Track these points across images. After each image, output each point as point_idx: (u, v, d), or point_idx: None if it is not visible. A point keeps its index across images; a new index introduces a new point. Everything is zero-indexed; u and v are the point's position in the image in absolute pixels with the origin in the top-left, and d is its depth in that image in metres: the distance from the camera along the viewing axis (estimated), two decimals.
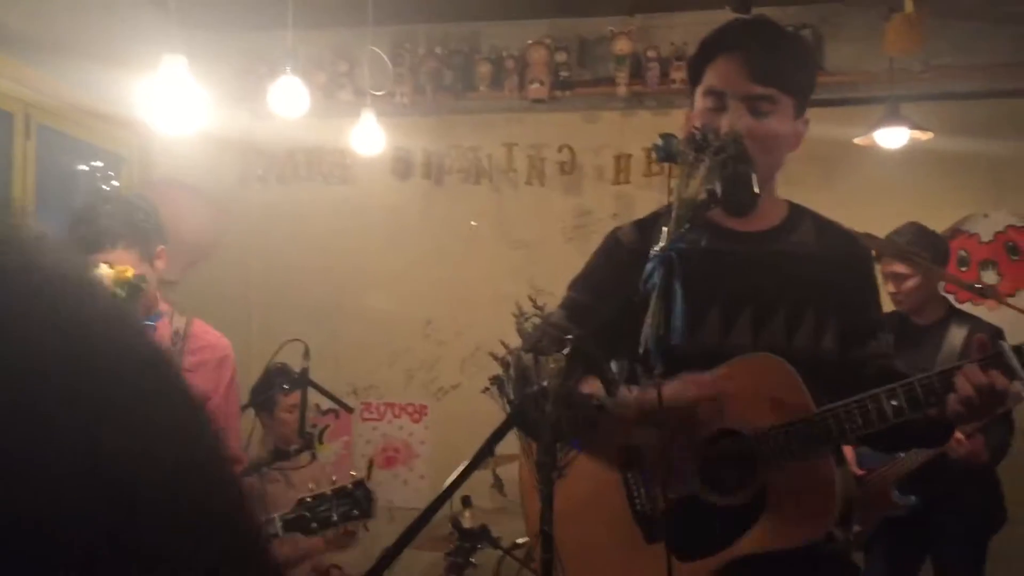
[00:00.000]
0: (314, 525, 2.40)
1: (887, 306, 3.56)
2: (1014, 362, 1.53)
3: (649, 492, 1.75)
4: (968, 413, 1.57)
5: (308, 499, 2.42)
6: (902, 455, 3.36)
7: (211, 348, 2.67)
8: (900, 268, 3.48)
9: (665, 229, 1.55)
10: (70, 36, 3.93)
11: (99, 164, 4.70)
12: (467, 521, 3.62)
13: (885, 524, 3.53)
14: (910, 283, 3.51)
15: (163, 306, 2.62)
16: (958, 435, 3.26)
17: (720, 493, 1.69)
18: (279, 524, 2.39)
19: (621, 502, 1.74)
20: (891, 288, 3.51)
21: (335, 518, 2.39)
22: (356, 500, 2.42)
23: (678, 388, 1.61)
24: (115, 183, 4.76)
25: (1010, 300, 3.91)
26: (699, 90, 1.81)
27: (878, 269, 3.47)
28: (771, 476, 1.65)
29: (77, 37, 3.96)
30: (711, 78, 1.78)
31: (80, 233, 2.44)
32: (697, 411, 1.64)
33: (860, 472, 3.48)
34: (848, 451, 3.53)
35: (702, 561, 1.67)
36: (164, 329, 2.60)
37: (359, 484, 2.44)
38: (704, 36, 1.85)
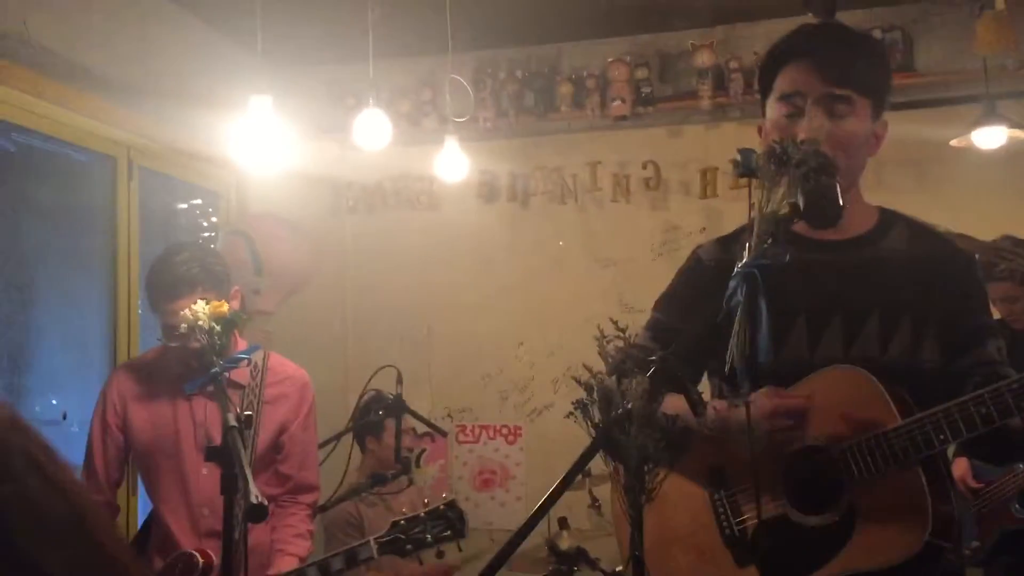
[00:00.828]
0: (409, 547, 2.42)
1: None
2: None
3: (736, 515, 1.72)
4: None
5: (402, 521, 2.46)
6: (1021, 467, 3.23)
7: (290, 380, 2.75)
8: (1005, 291, 3.33)
9: (748, 245, 1.52)
10: (165, 80, 4.10)
11: (198, 202, 4.87)
12: (564, 543, 3.60)
13: (1006, 538, 3.39)
14: (1020, 305, 3.37)
15: (241, 343, 2.71)
16: None
17: (809, 513, 1.65)
18: (374, 547, 2.43)
19: (710, 525, 1.71)
20: (1003, 313, 3.37)
21: (429, 539, 2.42)
22: (449, 521, 2.45)
23: (764, 406, 1.58)
24: (214, 219, 4.93)
25: None
26: (771, 99, 1.78)
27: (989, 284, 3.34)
28: (859, 492, 1.60)
29: (172, 80, 4.13)
30: (783, 84, 1.75)
31: (158, 281, 2.55)
32: (782, 428, 1.61)
33: (977, 485, 3.36)
34: (963, 464, 3.42)
35: None
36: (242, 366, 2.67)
37: (451, 504, 2.46)
38: (772, 45, 1.82)
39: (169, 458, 2.62)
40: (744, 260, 1.51)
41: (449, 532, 2.45)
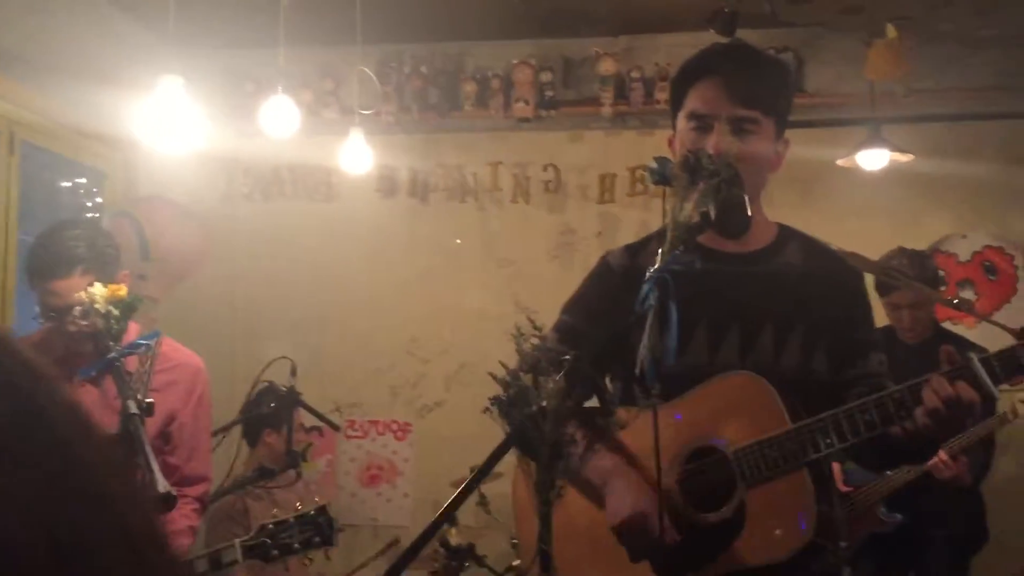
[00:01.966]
0: (275, 552, 2.34)
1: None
2: (981, 373, 1.55)
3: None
4: (936, 426, 1.58)
5: (270, 525, 2.37)
6: (889, 473, 3.40)
7: (181, 367, 2.66)
8: (900, 298, 3.49)
9: (660, 251, 1.57)
10: (62, 56, 3.92)
11: (83, 181, 4.68)
12: (454, 539, 3.61)
13: (872, 541, 3.57)
14: (912, 313, 3.53)
15: (132, 326, 2.61)
16: (943, 456, 3.30)
17: (701, 510, 1.71)
18: (239, 550, 2.34)
19: (605, 523, 1.75)
20: (905, 322, 3.53)
21: (296, 545, 2.34)
22: (318, 527, 2.37)
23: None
24: (98, 199, 4.74)
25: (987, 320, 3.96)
26: (681, 113, 1.85)
27: (885, 301, 3.51)
28: (749, 492, 1.67)
29: (69, 57, 3.95)
30: (694, 101, 1.82)
31: (38, 258, 2.44)
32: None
33: (847, 489, 3.52)
34: (835, 469, 3.58)
35: None
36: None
37: (321, 510, 2.39)
38: (684, 61, 1.89)
39: None
40: (656, 265, 1.56)
41: (318, 539, 2.37)
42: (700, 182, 1.58)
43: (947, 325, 3.95)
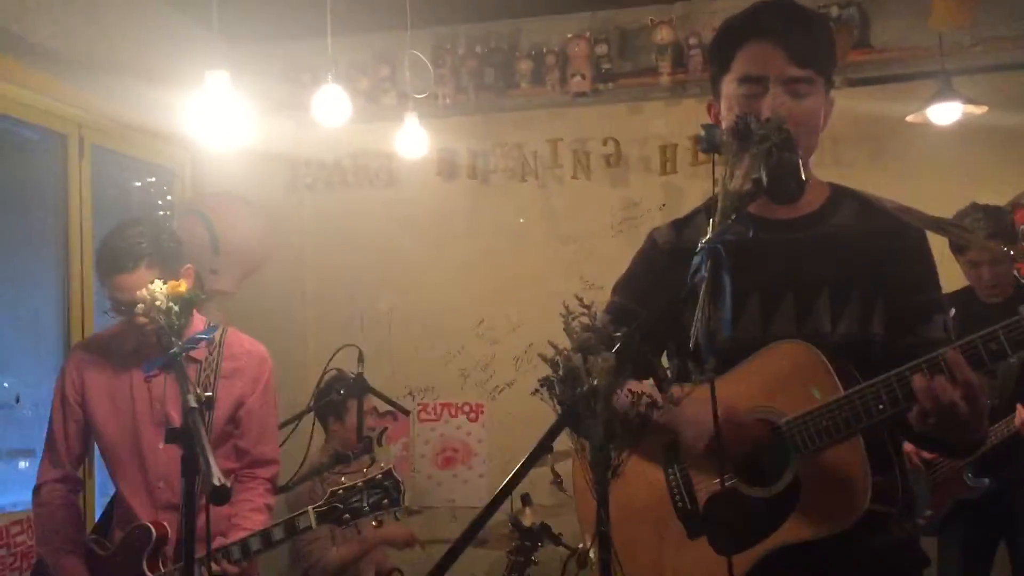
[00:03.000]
0: (346, 516, 2.48)
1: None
2: None
3: (688, 488, 1.74)
4: (936, 423, 1.50)
5: (340, 491, 2.50)
6: None
7: (247, 354, 2.74)
8: (976, 255, 3.36)
9: (711, 222, 1.52)
10: (118, 56, 4.00)
11: (152, 180, 4.79)
12: (527, 519, 3.62)
13: (959, 508, 3.46)
14: (1002, 268, 3.39)
15: (198, 319, 2.70)
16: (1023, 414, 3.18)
17: (756, 484, 1.67)
18: (312, 516, 2.47)
19: (664, 499, 1.73)
20: (985, 280, 3.40)
21: (366, 508, 2.48)
22: (386, 490, 2.50)
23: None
24: (169, 198, 4.85)
25: None
26: (729, 77, 1.78)
27: (962, 259, 3.38)
28: (803, 464, 1.62)
29: (125, 57, 4.04)
30: (745, 64, 1.75)
31: (105, 253, 2.53)
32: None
33: (930, 456, 3.41)
34: None
35: (743, 554, 1.64)
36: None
37: (388, 474, 2.52)
38: (727, 21, 1.82)
39: (126, 434, 2.61)
40: (708, 236, 1.51)
41: (386, 501, 2.50)
42: (751, 148, 1.53)
43: None
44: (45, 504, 2.66)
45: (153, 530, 2.51)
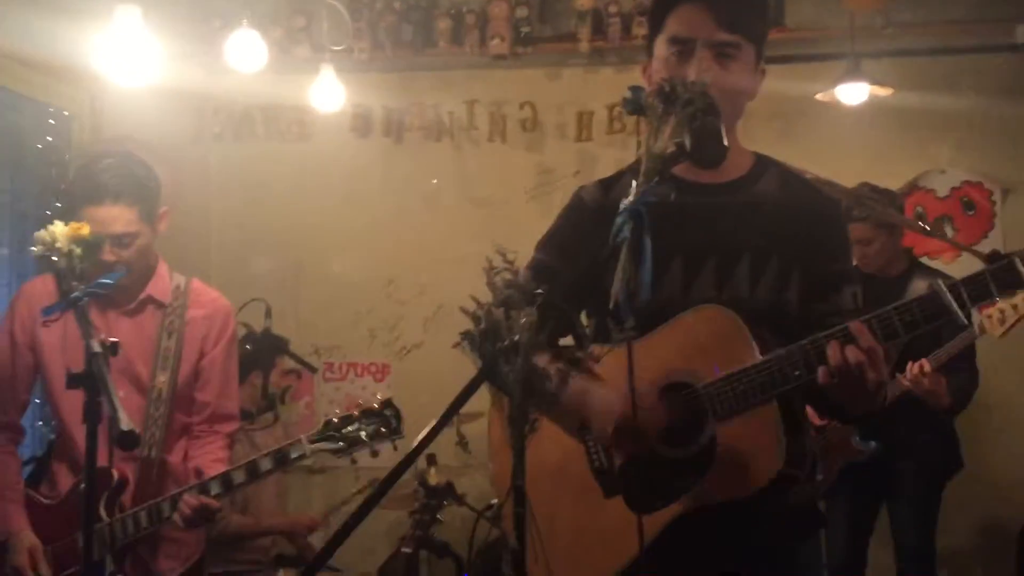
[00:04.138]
0: (342, 444, 2.35)
1: None
2: (949, 300, 1.50)
3: (604, 448, 1.75)
4: (841, 381, 1.54)
5: (334, 419, 2.38)
6: None
7: (214, 302, 2.67)
8: (862, 233, 3.50)
9: (634, 183, 1.53)
10: None
11: (52, 123, 4.56)
12: (432, 479, 3.63)
13: (845, 472, 3.60)
14: (875, 246, 3.54)
15: (162, 265, 2.63)
16: (925, 366, 3.28)
17: (673, 445, 1.69)
18: (307, 445, 2.36)
19: (580, 458, 1.74)
20: (856, 256, 3.53)
21: (364, 436, 2.35)
22: (385, 419, 2.37)
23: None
24: (48, 138, 4.60)
25: (964, 255, 3.98)
26: (660, 39, 1.79)
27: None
28: (719, 425, 1.65)
29: None
30: (674, 25, 1.76)
31: (80, 184, 2.42)
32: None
33: (821, 422, 3.53)
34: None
35: (657, 514, 1.67)
36: (163, 284, 2.61)
37: (387, 403, 2.39)
38: None
39: None
40: (631, 197, 1.52)
41: (384, 430, 2.37)
42: (675, 111, 1.54)
43: (925, 260, 3.95)
44: None
45: (115, 473, 2.38)
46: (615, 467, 1.75)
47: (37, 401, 3.41)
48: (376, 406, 2.38)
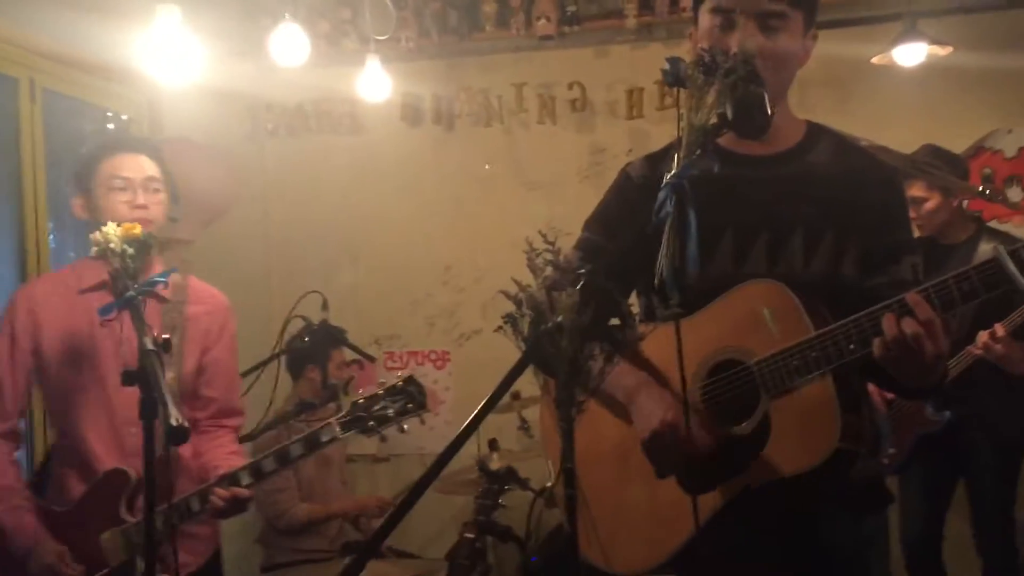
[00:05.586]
0: (372, 423, 2.35)
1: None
2: (1010, 265, 1.44)
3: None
4: (898, 354, 1.49)
5: (360, 401, 2.39)
6: None
7: (214, 298, 2.67)
8: (917, 192, 3.41)
9: (676, 156, 1.50)
10: None
11: (110, 127, 4.66)
12: (494, 463, 3.63)
13: (921, 443, 3.51)
14: (929, 205, 3.45)
15: (158, 260, 2.59)
16: (999, 331, 3.17)
17: (726, 423, 1.66)
18: (337, 427, 2.36)
19: (633, 438, 1.72)
20: (911, 214, 3.44)
21: (391, 413, 2.36)
22: (410, 395, 2.38)
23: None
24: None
25: None
26: (704, 7, 1.75)
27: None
28: (773, 403, 1.61)
29: None
30: None
31: (95, 145, 2.47)
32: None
33: (890, 395, 3.44)
34: None
35: (712, 494, 1.65)
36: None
37: (410, 379, 2.40)
38: None
39: (88, 379, 2.47)
40: (673, 171, 1.49)
41: (411, 405, 2.38)
42: (715, 81, 1.51)
43: (995, 224, 3.83)
44: None
45: (132, 473, 2.39)
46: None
47: None
48: (399, 384, 2.38)
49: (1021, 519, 3.66)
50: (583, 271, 1.41)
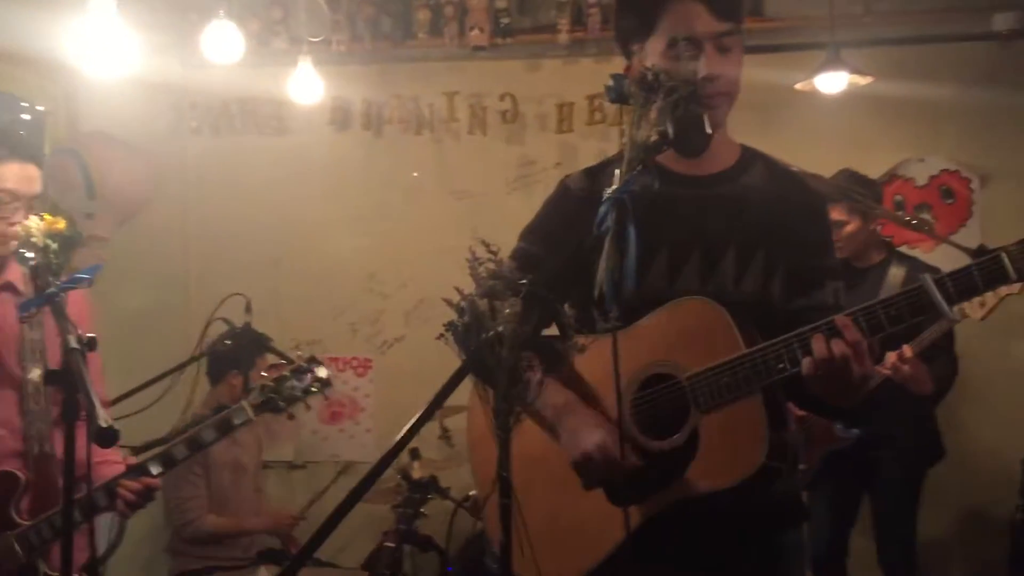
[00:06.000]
0: (282, 403, 2.47)
1: None
2: (935, 294, 1.50)
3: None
4: (825, 374, 1.53)
5: (268, 383, 2.49)
6: None
7: (79, 294, 2.52)
8: (838, 215, 3.51)
9: (617, 172, 1.52)
10: None
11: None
12: (416, 472, 3.61)
13: (827, 462, 3.61)
14: (849, 228, 3.56)
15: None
16: (906, 352, 3.26)
17: (655, 438, 1.68)
18: (249, 409, 2.43)
19: (562, 451, 1.72)
20: (856, 242, 3.54)
21: (299, 392, 2.50)
22: (314, 374, 2.54)
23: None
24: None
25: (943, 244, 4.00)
26: (655, 39, 1.73)
27: None
28: (703, 419, 1.64)
29: None
30: (674, 25, 1.71)
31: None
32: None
33: (801, 413, 3.53)
34: None
35: (642, 506, 1.66)
36: (17, 270, 2.38)
37: (312, 359, 2.56)
38: None
39: None
40: (614, 187, 1.51)
41: (316, 383, 2.54)
42: (657, 100, 1.53)
43: (904, 249, 3.97)
44: None
45: (20, 476, 2.30)
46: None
47: None
48: (303, 364, 2.55)
49: (922, 536, 3.80)
50: (525, 281, 1.42)
